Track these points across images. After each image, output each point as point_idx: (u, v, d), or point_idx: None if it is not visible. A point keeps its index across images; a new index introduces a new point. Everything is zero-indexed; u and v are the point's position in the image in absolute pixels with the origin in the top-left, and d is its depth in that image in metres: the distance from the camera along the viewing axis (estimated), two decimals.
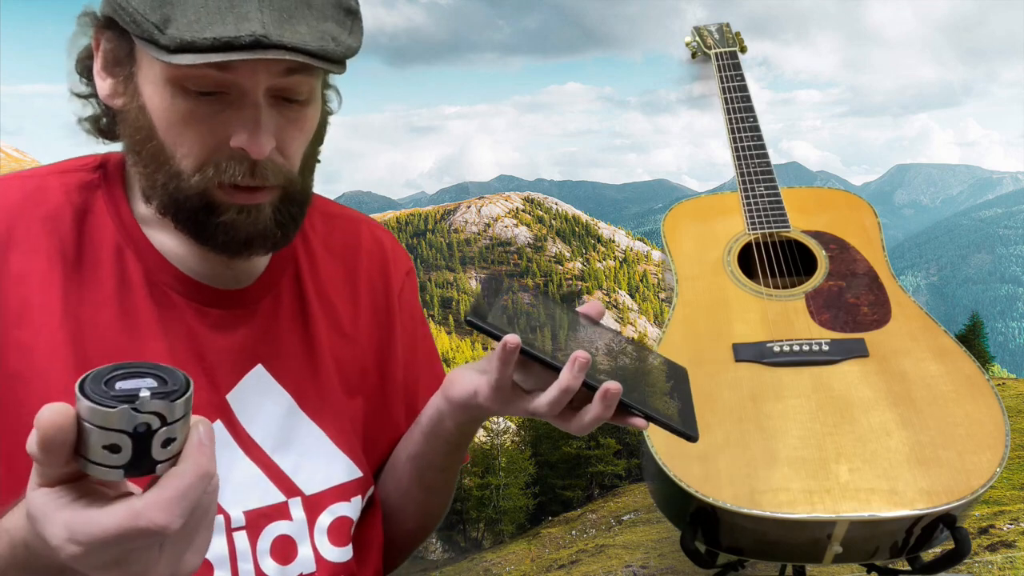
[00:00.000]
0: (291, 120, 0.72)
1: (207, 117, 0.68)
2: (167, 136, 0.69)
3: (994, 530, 4.10)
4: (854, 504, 1.17)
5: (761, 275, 1.61)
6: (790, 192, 1.78)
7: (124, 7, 0.64)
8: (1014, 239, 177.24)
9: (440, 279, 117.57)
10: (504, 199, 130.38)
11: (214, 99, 0.68)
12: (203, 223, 0.71)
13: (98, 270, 0.74)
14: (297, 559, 0.80)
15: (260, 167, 0.70)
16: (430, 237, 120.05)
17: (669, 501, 1.36)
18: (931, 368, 1.37)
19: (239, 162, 0.69)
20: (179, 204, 0.71)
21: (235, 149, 0.69)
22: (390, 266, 0.92)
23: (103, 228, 0.75)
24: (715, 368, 1.42)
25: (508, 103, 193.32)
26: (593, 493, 29.77)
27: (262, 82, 0.68)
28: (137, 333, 0.73)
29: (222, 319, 0.78)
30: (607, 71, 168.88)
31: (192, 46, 0.61)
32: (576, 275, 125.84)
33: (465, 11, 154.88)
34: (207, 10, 0.62)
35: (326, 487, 0.82)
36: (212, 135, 0.69)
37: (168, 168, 0.70)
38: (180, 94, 0.67)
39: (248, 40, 0.61)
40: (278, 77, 0.68)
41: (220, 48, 0.62)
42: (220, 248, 0.73)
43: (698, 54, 2.12)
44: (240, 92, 0.68)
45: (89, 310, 0.72)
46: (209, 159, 0.69)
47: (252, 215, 0.71)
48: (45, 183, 0.76)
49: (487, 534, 25.77)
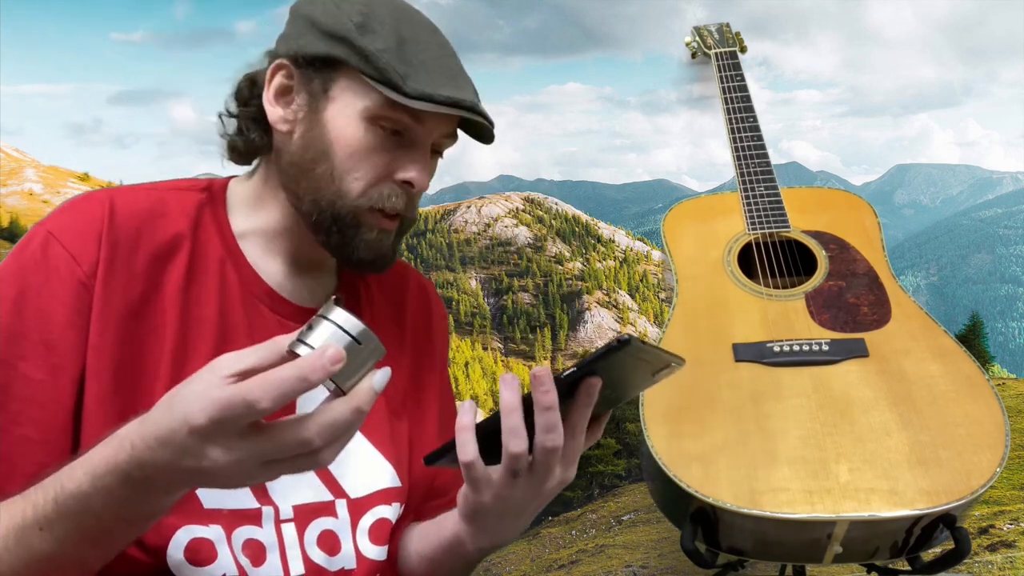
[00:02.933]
0: (431, 168, 0.90)
1: (386, 151, 0.85)
2: (345, 161, 0.84)
3: (994, 530, 4.10)
4: (854, 504, 1.17)
5: (761, 275, 1.61)
6: (790, 192, 1.77)
7: (374, 59, 0.81)
8: (1014, 239, 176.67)
9: (440, 279, 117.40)
10: (504, 199, 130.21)
11: (395, 140, 0.85)
12: (350, 238, 0.85)
13: (206, 275, 0.85)
14: (340, 554, 0.87)
15: (411, 199, 0.87)
16: (430, 237, 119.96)
17: (669, 501, 1.36)
18: (931, 368, 1.37)
19: (400, 193, 0.86)
20: (335, 218, 0.85)
21: (398, 182, 0.85)
22: (433, 311, 1.06)
23: (210, 241, 0.87)
24: (715, 368, 1.42)
25: (508, 103, 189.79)
26: (593, 493, 29.67)
27: (434, 136, 0.87)
28: (229, 333, 0.84)
29: None
30: (607, 71, 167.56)
31: (431, 98, 0.81)
32: (576, 275, 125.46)
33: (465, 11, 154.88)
34: (438, 77, 0.82)
35: (370, 491, 0.90)
36: (385, 167, 0.85)
37: (335, 187, 0.84)
38: (372, 130, 0.84)
39: (468, 104, 0.82)
40: (443, 136, 0.88)
41: (451, 104, 0.81)
42: (354, 262, 0.87)
43: (698, 54, 2.11)
44: (416, 138, 0.85)
45: (196, 308, 0.83)
46: (374, 185, 0.85)
47: (383, 240, 0.87)
48: (166, 197, 0.87)
49: None
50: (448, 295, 23.98)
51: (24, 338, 0.76)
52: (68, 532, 0.65)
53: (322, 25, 0.83)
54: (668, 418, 1.34)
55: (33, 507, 0.65)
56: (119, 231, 0.81)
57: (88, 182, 20.52)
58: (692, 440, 1.29)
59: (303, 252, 0.91)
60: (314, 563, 0.84)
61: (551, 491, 0.72)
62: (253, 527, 0.82)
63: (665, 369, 0.71)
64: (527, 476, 0.69)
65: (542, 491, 0.71)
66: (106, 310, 0.78)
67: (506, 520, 0.76)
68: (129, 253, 0.81)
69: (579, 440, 0.70)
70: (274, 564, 0.82)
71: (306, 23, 0.85)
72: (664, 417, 1.34)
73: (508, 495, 0.71)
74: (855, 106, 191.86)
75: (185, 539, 0.78)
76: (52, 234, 0.79)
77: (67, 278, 0.77)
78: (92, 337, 0.77)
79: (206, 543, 0.79)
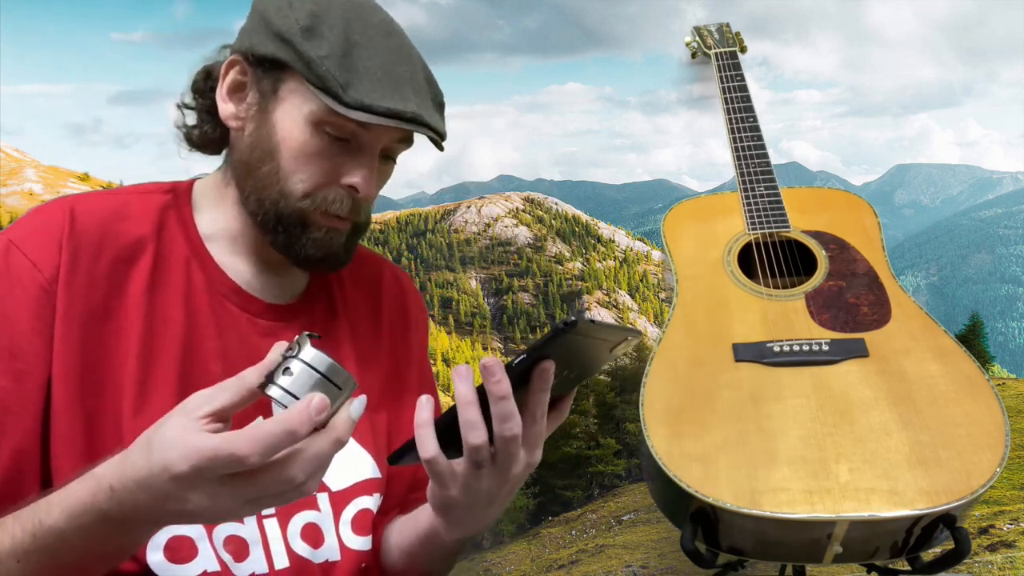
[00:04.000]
0: (383, 173, 0.90)
1: (331, 156, 0.84)
2: (289, 162, 0.84)
3: (994, 530, 4.10)
4: (854, 504, 1.17)
5: (761, 275, 1.61)
6: (790, 192, 1.77)
7: (315, 66, 0.80)
8: (1014, 239, 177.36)
9: (440, 279, 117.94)
10: (504, 199, 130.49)
11: (341, 145, 0.84)
12: (296, 236, 0.86)
13: (171, 276, 0.85)
14: (324, 546, 0.88)
15: (356, 204, 0.87)
16: (430, 237, 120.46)
17: (669, 501, 1.36)
18: (931, 368, 1.37)
19: (344, 197, 0.86)
20: (279, 218, 0.85)
21: (343, 186, 0.85)
22: (408, 301, 1.07)
23: (175, 242, 0.87)
24: (715, 368, 1.42)
25: (508, 103, 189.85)
26: (593, 493, 29.72)
27: (383, 141, 0.86)
28: (197, 332, 0.85)
29: (269, 328, 0.90)
30: (607, 71, 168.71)
31: (370, 108, 0.80)
32: (576, 275, 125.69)
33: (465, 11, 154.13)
34: (380, 86, 0.81)
35: (351, 483, 0.91)
36: (330, 172, 0.85)
37: (279, 187, 0.84)
38: (317, 134, 0.83)
39: (409, 116, 0.82)
40: (394, 142, 0.88)
41: (391, 116, 0.81)
42: (302, 260, 0.87)
43: (698, 54, 2.11)
44: (363, 144, 0.85)
45: (161, 309, 0.84)
46: (320, 189, 0.85)
47: (333, 238, 0.87)
48: (129, 200, 0.87)
49: (487, 534, 25.79)
50: (448, 295, 23.95)
51: None
52: (43, 565, 0.66)
53: (272, 25, 0.83)
54: (668, 418, 1.34)
55: (11, 538, 0.67)
56: (80, 236, 0.81)
57: (88, 182, 20.48)
58: (692, 440, 1.30)
59: (269, 249, 0.91)
60: (299, 556, 0.85)
61: (519, 477, 0.71)
62: (234, 523, 0.82)
63: (623, 343, 0.70)
64: (491, 466, 0.69)
65: (509, 478, 0.71)
66: (69, 314, 0.78)
67: (476, 510, 0.75)
68: (91, 258, 0.81)
69: (540, 424, 0.69)
70: (258, 559, 0.83)
71: (260, 20, 0.85)
72: (664, 417, 1.34)
73: (474, 486, 0.71)
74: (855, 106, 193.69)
75: (164, 538, 0.78)
76: (13, 243, 0.79)
77: (29, 285, 0.78)
78: (56, 343, 0.77)
79: (186, 540, 0.79)
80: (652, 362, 1.46)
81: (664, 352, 1.48)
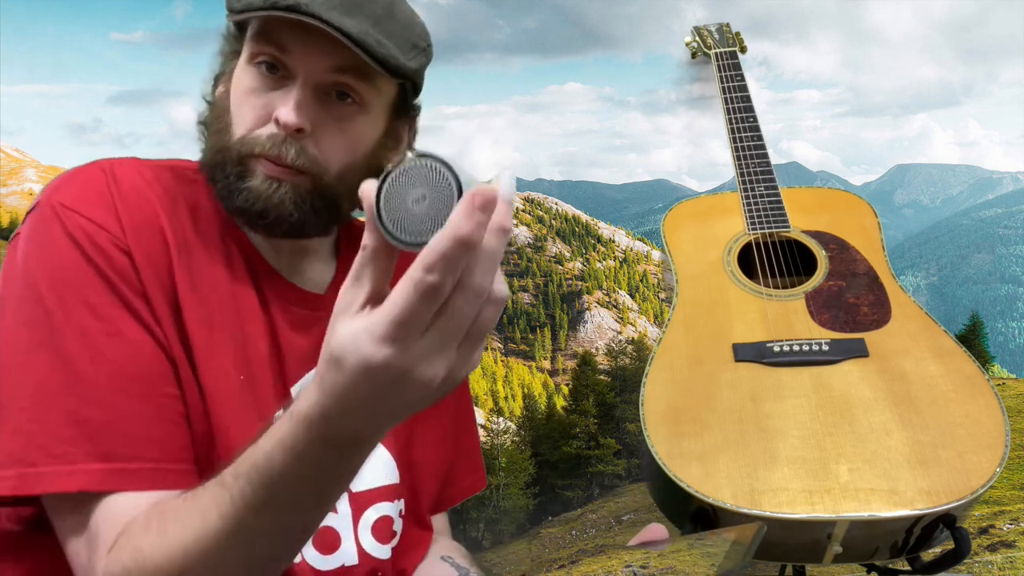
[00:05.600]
0: (335, 117, 0.80)
1: (263, 91, 0.79)
2: (234, 109, 0.80)
3: (994, 530, 4.10)
4: (854, 504, 1.17)
5: (761, 275, 1.61)
6: (790, 192, 1.77)
7: (235, 1, 0.77)
8: (1014, 239, 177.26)
9: None
10: None
11: (274, 78, 0.78)
12: (232, 186, 0.79)
13: (212, 254, 0.81)
14: (340, 550, 0.84)
15: (287, 143, 0.78)
16: None
17: (669, 501, 1.36)
18: (931, 368, 1.37)
19: (276, 136, 0.78)
20: (219, 167, 0.80)
21: (274, 121, 0.78)
22: None
23: (210, 220, 0.82)
24: (715, 368, 1.42)
25: (508, 103, 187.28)
26: (593, 493, 29.82)
27: (312, 71, 0.77)
28: (242, 315, 0.80)
29: (302, 319, 0.85)
30: (607, 71, 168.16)
31: (250, 6, 0.75)
32: (576, 275, 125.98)
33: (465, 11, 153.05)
34: None
35: (373, 486, 0.88)
36: (262, 108, 0.78)
37: (224, 136, 0.80)
38: (252, 71, 0.79)
39: (285, 4, 0.74)
40: (327, 72, 0.78)
41: (267, 8, 0.74)
42: (240, 213, 0.80)
43: (698, 54, 2.11)
44: (292, 75, 0.78)
45: (208, 283, 0.79)
46: (253, 129, 0.79)
47: (274, 188, 0.79)
48: (162, 175, 0.82)
49: (487, 534, 25.80)
50: None
51: None
52: (281, 509, 0.61)
53: None
54: (668, 418, 1.34)
55: (241, 495, 0.60)
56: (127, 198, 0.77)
57: None
58: (692, 440, 1.30)
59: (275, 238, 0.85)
60: (309, 565, 0.82)
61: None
62: None
63: None
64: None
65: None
66: None
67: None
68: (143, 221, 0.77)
69: None
70: None
71: None
72: (664, 417, 1.34)
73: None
74: (855, 106, 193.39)
75: None
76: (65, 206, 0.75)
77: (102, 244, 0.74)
78: None
79: None
80: (652, 362, 1.46)
81: (664, 352, 1.48)
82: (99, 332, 0.71)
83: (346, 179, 0.82)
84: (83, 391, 0.69)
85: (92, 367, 0.70)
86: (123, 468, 0.69)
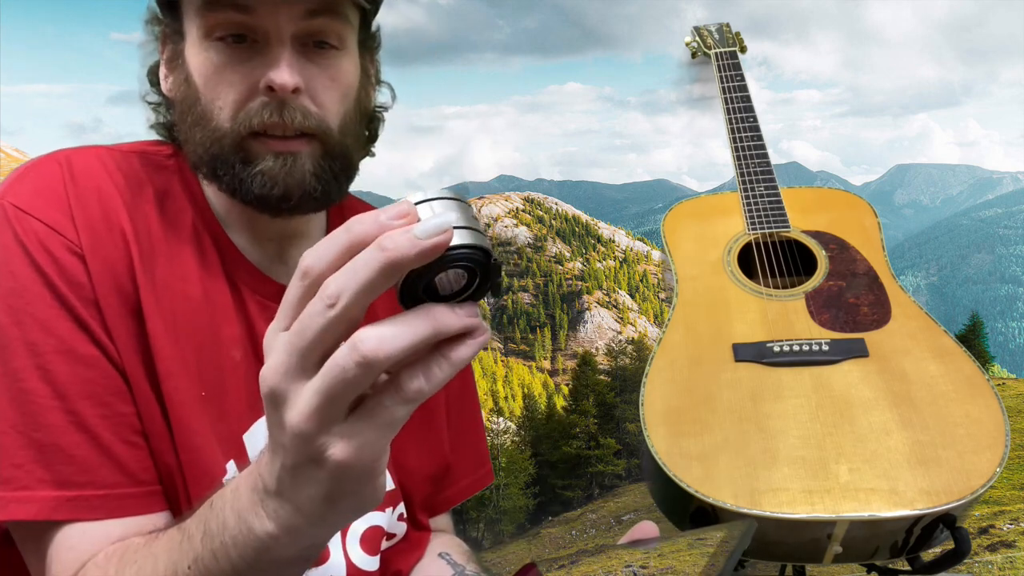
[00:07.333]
0: (322, 67, 0.74)
1: (238, 64, 0.71)
2: (206, 93, 0.72)
3: (994, 530, 4.10)
4: (854, 504, 1.17)
5: (761, 275, 1.61)
6: (790, 192, 1.77)
7: None
8: (1014, 239, 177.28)
9: None
10: (504, 199, 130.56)
11: (244, 48, 0.72)
12: (241, 175, 0.73)
13: (181, 248, 0.75)
14: (328, 563, 0.79)
15: (288, 108, 0.71)
16: None
17: (669, 501, 1.36)
18: (931, 368, 1.37)
19: (272, 104, 0.71)
20: (219, 159, 0.73)
21: (264, 90, 0.71)
22: None
23: (182, 211, 0.77)
24: (715, 368, 1.42)
25: (508, 103, 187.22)
26: (593, 493, 29.82)
27: (285, 26, 0.71)
28: (215, 315, 0.75)
29: None
30: (607, 71, 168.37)
31: None
32: (576, 275, 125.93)
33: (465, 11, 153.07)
34: None
35: None
36: (243, 81, 0.71)
37: (210, 125, 0.73)
38: (214, 47, 0.71)
39: None
40: (301, 20, 0.71)
41: None
42: (259, 202, 0.74)
43: (698, 54, 2.11)
44: (265, 37, 0.71)
45: (178, 283, 0.74)
46: (242, 106, 0.72)
47: (289, 164, 0.73)
48: (127, 162, 0.77)
49: (487, 534, 25.80)
50: None
51: None
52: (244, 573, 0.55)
53: None
54: (668, 418, 1.34)
55: (198, 558, 0.55)
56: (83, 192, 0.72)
57: None
58: (692, 440, 1.30)
59: (259, 221, 0.80)
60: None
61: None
62: None
63: None
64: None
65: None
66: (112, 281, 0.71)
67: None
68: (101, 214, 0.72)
69: None
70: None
71: None
72: (664, 417, 1.34)
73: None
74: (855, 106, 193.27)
75: None
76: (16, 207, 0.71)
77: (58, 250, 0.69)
78: None
79: None
80: (652, 362, 1.46)
81: (664, 352, 1.48)
82: (49, 349, 0.66)
83: (347, 130, 0.77)
84: (33, 412, 0.65)
85: (42, 386, 0.66)
86: (76, 496, 0.65)
